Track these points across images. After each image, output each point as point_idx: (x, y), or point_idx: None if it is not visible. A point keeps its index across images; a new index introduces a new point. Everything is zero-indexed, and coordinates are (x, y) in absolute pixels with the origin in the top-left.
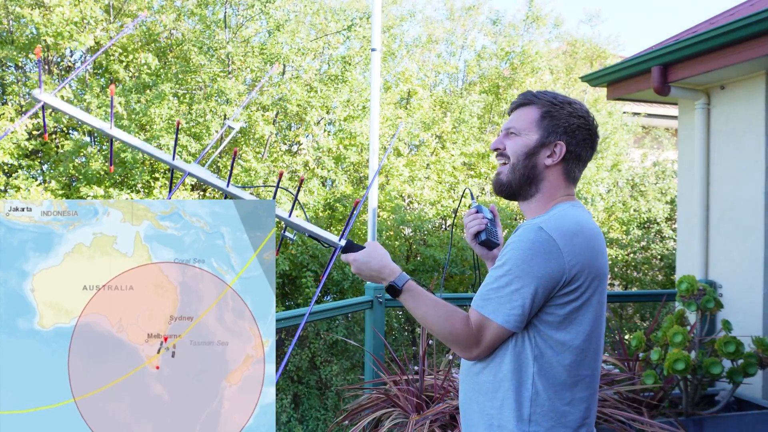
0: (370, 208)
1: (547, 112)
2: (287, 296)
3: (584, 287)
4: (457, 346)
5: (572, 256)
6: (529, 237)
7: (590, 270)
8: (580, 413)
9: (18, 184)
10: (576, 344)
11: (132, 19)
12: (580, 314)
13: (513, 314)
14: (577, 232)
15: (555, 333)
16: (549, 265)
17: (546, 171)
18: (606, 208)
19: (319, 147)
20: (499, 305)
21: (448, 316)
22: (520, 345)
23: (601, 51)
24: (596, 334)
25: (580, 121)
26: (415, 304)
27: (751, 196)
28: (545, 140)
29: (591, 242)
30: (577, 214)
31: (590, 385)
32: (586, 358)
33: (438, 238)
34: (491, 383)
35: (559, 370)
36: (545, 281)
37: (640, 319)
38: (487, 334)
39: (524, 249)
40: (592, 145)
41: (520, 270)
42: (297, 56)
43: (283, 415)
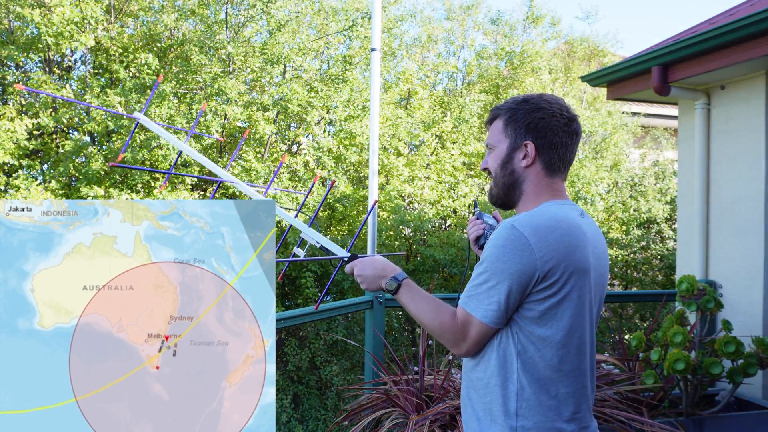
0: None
1: (509, 118)
2: (287, 296)
3: (561, 282)
4: (446, 340)
5: (545, 251)
6: (503, 235)
7: (567, 265)
8: (568, 407)
9: (18, 183)
10: (557, 339)
11: (132, 19)
12: (560, 309)
13: (490, 310)
14: (552, 227)
15: (536, 329)
16: (521, 261)
17: (526, 172)
18: (606, 208)
19: (320, 147)
20: (479, 302)
21: (437, 310)
22: (504, 341)
23: (599, 50)
24: (578, 329)
25: (539, 113)
26: (411, 299)
27: (751, 196)
28: (514, 145)
29: (567, 237)
30: (556, 210)
31: (577, 379)
32: (568, 354)
33: (438, 238)
34: (481, 379)
35: (542, 366)
36: (518, 277)
37: (640, 319)
38: (471, 329)
39: (498, 246)
40: (566, 129)
41: (495, 267)
42: (297, 56)
43: (283, 415)
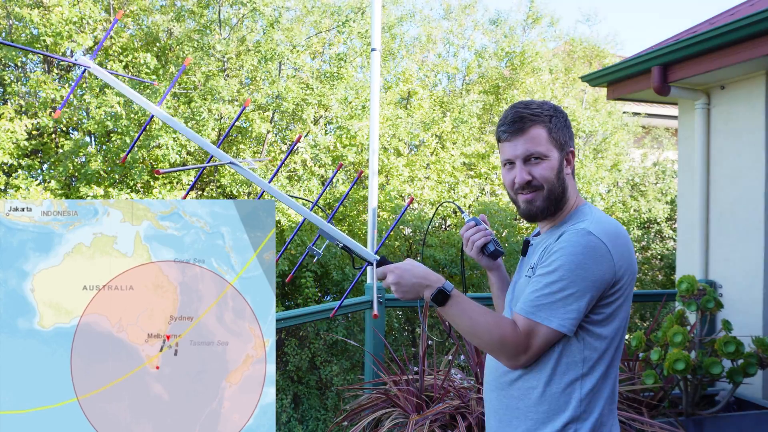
0: (370, 208)
1: (551, 127)
2: (287, 296)
3: (626, 286)
4: (504, 353)
5: (618, 257)
6: (581, 242)
7: (632, 269)
8: (615, 401)
9: (18, 183)
10: (614, 338)
11: (132, 20)
12: (621, 310)
13: (567, 318)
14: (619, 233)
15: (600, 329)
16: (601, 269)
17: (567, 178)
18: (606, 208)
19: (317, 144)
20: (553, 311)
21: (497, 323)
22: (568, 347)
23: (599, 50)
24: (624, 327)
25: (565, 117)
26: (462, 311)
27: (751, 196)
28: (562, 154)
29: (627, 242)
30: (604, 214)
31: (617, 374)
32: (618, 350)
33: (438, 238)
34: (535, 388)
35: (603, 364)
36: (599, 284)
37: (640, 319)
38: (537, 340)
39: (577, 254)
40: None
41: (574, 275)
42: (292, 54)
43: (283, 415)
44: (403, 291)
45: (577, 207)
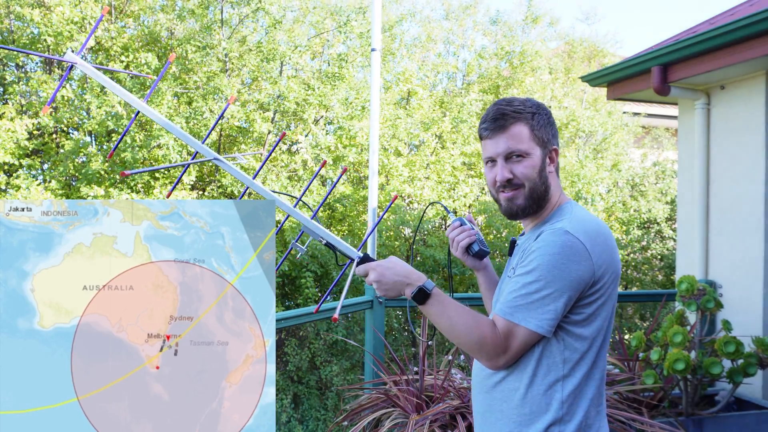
0: (370, 208)
1: (536, 124)
2: (287, 296)
3: (607, 285)
4: (483, 354)
5: (598, 256)
6: (557, 242)
7: (613, 268)
8: (600, 403)
9: (18, 183)
10: (593, 338)
11: (133, 19)
12: (602, 310)
13: (545, 319)
14: (600, 232)
15: (580, 330)
16: (579, 268)
17: (550, 177)
18: (606, 208)
19: (317, 145)
20: (530, 311)
21: (475, 323)
22: (547, 348)
23: (599, 50)
24: (607, 327)
25: (548, 114)
26: (443, 310)
27: (751, 196)
28: (545, 152)
29: (610, 240)
30: (587, 212)
31: (603, 375)
32: (602, 350)
33: (438, 238)
34: (517, 389)
35: (584, 366)
36: (576, 284)
37: (640, 319)
38: (515, 341)
39: (554, 254)
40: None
41: (551, 275)
42: (294, 53)
43: (283, 415)
44: (385, 289)
45: (560, 205)
